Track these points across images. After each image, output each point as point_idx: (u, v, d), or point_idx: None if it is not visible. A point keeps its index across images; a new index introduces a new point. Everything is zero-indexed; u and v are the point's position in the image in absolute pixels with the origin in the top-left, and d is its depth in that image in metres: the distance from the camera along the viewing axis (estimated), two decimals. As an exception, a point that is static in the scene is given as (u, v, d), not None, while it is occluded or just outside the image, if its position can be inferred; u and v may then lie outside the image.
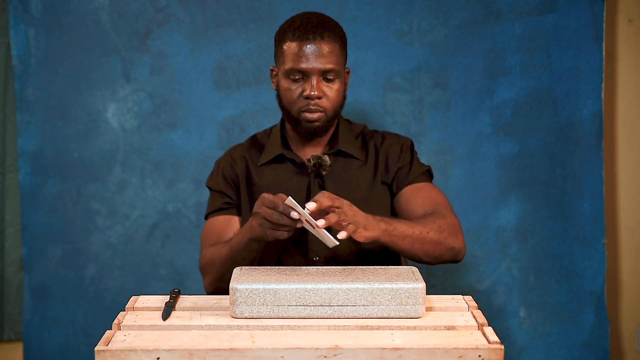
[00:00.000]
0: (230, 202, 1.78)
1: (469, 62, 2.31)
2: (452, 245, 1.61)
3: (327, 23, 1.68)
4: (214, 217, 1.78)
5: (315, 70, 1.64)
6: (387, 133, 1.83)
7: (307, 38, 1.64)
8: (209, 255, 1.70)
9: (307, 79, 1.65)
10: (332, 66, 1.65)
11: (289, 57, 1.65)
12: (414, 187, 1.74)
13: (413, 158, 1.79)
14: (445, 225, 1.61)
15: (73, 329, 2.38)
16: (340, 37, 1.69)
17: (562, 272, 2.35)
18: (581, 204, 2.33)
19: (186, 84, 2.33)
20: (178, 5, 2.30)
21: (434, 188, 1.75)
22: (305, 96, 1.65)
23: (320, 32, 1.64)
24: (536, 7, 2.28)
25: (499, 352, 1.17)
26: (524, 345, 2.38)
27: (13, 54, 2.30)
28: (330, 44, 1.65)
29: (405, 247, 1.55)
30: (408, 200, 1.71)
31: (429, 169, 1.80)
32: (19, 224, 2.41)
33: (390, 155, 1.77)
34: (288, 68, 1.66)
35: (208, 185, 1.83)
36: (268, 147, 1.79)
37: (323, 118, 1.68)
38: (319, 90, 1.65)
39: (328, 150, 1.76)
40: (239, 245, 1.57)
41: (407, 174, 1.75)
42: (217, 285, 1.67)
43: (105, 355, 1.16)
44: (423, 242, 1.56)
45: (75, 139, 2.34)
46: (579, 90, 2.30)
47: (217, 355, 1.15)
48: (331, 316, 1.28)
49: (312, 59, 1.64)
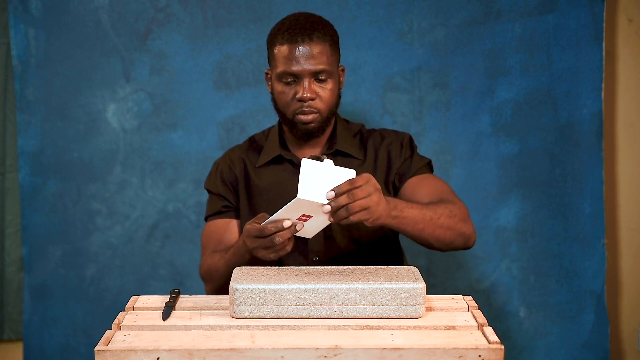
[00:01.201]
0: (229, 206, 1.79)
1: (469, 62, 2.31)
2: (463, 230, 1.61)
3: (316, 23, 1.67)
4: (213, 221, 1.79)
5: (306, 72, 1.64)
6: (385, 130, 1.83)
7: (296, 40, 1.63)
8: (207, 267, 1.72)
9: (299, 81, 1.65)
10: (323, 67, 1.64)
11: (280, 61, 1.65)
12: (418, 178, 1.74)
13: (413, 152, 1.79)
14: (457, 210, 1.61)
15: (73, 329, 2.38)
16: (330, 36, 1.68)
17: (562, 272, 2.35)
18: (581, 204, 2.33)
19: (186, 84, 2.32)
20: (178, 5, 2.30)
21: (436, 178, 1.76)
22: (298, 98, 1.65)
23: (309, 34, 1.64)
24: (536, 7, 2.28)
25: (499, 352, 1.17)
26: (524, 345, 2.38)
27: (13, 54, 2.30)
28: (319, 44, 1.64)
29: (415, 233, 1.55)
30: (413, 190, 1.72)
31: (430, 161, 1.80)
32: (19, 224, 2.41)
33: (392, 154, 1.77)
34: (280, 71, 1.66)
35: (206, 187, 1.83)
36: (266, 148, 1.79)
37: (318, 119, 1.68)
38: (312, 92, 1.65)
39: (326, 150, 1.76)
40: (240, 258, 1.57)
41: (409, 167, 1.76)
42: (219, 291, 1.69)
43: (105, 355, 1.16)
44: (434, 228, 1.56)
45: (75, 139, 2.34)
46: (579, 90, 2.30)
47: (217, 355, 1.15)
48: (331, 316, 1.28)
49: (303, 61, 1.63)
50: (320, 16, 1.72)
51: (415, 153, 1.79)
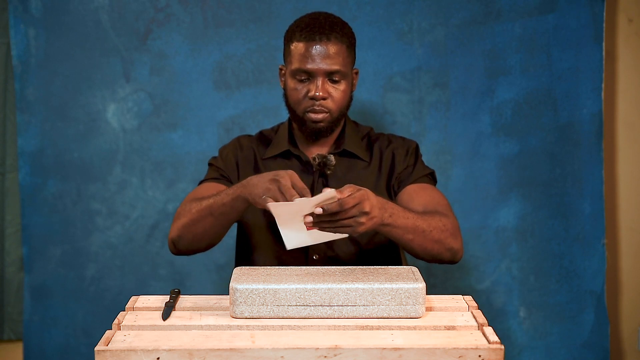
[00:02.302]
0: (225, 177, 1.78)
1: (469, 62, 2.31)
2: (452, 245, 1.61)
3: (335, 24, 1.67)
4: (204, 183, 1.77)
5: (321, 72, 1.64)
6: (393, 136, 1.83)
7: (313, 39, 1.64)
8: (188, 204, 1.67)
9: (313, 79, 1.65)
10: (337, 67, 1.65)
11: (296, 58, 1.65)
12: (417, 186, 1.73)
13: (417, 160, 1.78)
14: (450, 224, 1.61)
15: (73, 329, 2.38)
16: (348, 38, 1.68)
17: (562, 272, 2.35)
18: (581, 204, 2.33)
19: (186, 84, 2.33)
20: (178, 5, 2.30)
21: (435, 190, 1.75)
22: (310, 97, 1.65)
23: (327, 33, 1.64)
24: (536, 7, 2.28)
25: (499, 352, 1.17)
26: (524, 345, 2.38)
27: (13, 54, 2.30)
28: (337, 45, 1.65)
29: (403, 242, 1.55)
30: (410, 197, 1.71)
31: (433, 172, 1.80)
32: (19, 224, 2.41)
33: (397, 159, 1.76)
34: (294, 68, 1.66)
35: (209, 162, 1.83)
36: (275, 142, 1.80)
37: (328, 119, 1.68)
38: (324, 91, 1.65)
39: (334, 149, 1.76)
40: (225, 198, 1.56)
41: (410, 174, 1.75)
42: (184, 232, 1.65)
43: (105, 355, 1.16)
44: (424, 240, 1.56)
45: (75, 139, 2.34)
46: (579, 90, 2.30)
47: (217, 355, 1.15)
48: (331, 316, 1.28)
49: (318, 59, 1.63)
50: (340, 18, 1.72)
51: (419, 161, 1.79)
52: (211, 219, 1.60)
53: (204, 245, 1.68)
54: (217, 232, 1.64)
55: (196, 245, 1.68)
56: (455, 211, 1.72)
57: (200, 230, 1.63)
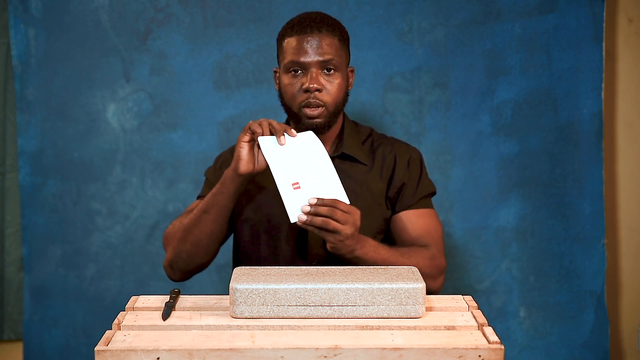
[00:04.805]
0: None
1: (469, 62, 2.31)
2: (429, 287, 1.61)
3: (327, 19, 1.67)
4: (197, 200, 1.77)
5: (314, 63, 1.63)
6: (396, 141, 1.80)
7: (305, 32, 1.63)
8: (177, 220, 1.70)
9: (306, 72, 1.64)
10: (330, 57, 1.63)
11: (288, 52, 1.65)
12: (415, 214, 1.72)
13: (422, 174, 1.76)
14: (432, 266, 1.64)
15: (73, 329, 2.38)
16: (340, 32, 1.67)
17: (562, 272, 2.35)
18: (581, 204, 2.33)
19: (186, 84, 2.32)
20: (178, 5, 2.30)
21: (433, 218, 1.73)
22: (305, 89, 1.63)
23: (318, 27, 1.64)
24: (536, 7, 2.28)
25: (499, 352, 1.16)
26: (524, 345, 2.38)
27: (13, 54, 2.31)
28: (328, 37, 1.64)
29: None
30: (405, 225, 1.71)
31: (434, 191, 1.77)
32: (19, 224, 2.41)
33: (397, 166, 1.74)
34: (287, 61, 1.64)
35: (205, 174, 1.83)
36: None
37: (324, 114, 1.65)
38: (318, 83, 1.63)
39: (333, 152, 1.74)
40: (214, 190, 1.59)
41: (412, 194, 1.72)
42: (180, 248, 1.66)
43: (105, 355, 1.15)
44: None
45: (75, 139, 2.34)
46: (579, 90, 2.30)
47: (217, 355, 1.15)
48: (331, 316, 1.28)
49: (311, 51, 1.63)
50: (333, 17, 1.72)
51: (424, 175, 1.76)
52: (205, 216, 1.60)
53: (202, 252, 1.66)
54: (214, 232, 1.62)
55: (194, 259, 1.66)
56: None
57: (196, 236, 1.62)
